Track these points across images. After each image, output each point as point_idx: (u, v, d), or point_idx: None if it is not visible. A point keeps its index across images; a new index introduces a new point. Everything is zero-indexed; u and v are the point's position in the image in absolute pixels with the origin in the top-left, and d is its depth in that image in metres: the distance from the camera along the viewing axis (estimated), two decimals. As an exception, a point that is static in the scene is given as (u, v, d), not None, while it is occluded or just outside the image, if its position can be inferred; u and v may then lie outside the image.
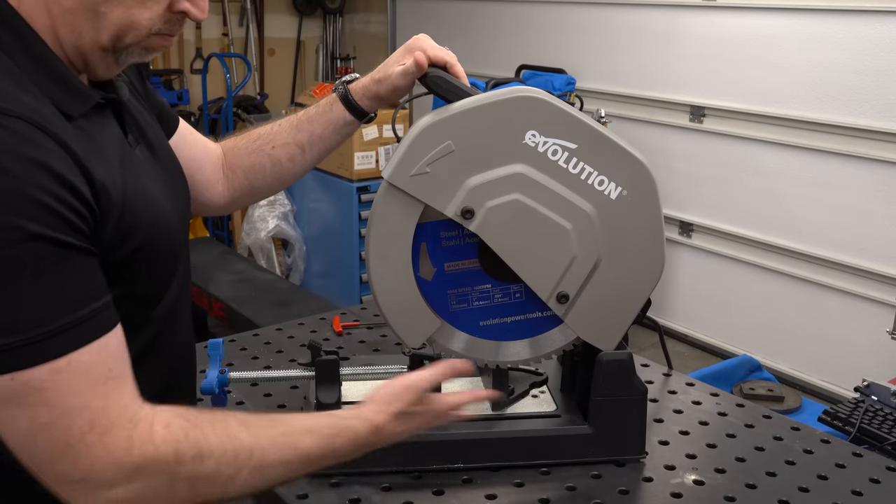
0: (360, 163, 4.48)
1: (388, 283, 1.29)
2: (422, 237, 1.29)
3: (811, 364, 3.82)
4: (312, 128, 1.42)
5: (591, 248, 1.27)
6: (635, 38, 4.36)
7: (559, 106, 1.24)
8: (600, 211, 1.26)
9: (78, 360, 0.91)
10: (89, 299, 0.94)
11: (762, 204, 3.93)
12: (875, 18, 3.41)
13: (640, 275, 1.30)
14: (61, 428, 0.91)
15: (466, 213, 1.25)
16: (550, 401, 1.43)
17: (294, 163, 1.44)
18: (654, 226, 1.29)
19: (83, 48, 1.03)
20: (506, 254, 1.26)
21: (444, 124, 1.24)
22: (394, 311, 1.31)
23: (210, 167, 1.45)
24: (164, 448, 0.95)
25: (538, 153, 1.24)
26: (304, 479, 1.29)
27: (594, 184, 1.25)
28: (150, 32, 1.04)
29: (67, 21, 1.01)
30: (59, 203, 0.90)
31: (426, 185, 1.24)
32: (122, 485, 0.94)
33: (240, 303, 3.91)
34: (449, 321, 1.32)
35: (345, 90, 1.41)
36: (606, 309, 1.31)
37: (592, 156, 1.25)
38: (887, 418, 2.11)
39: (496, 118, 1.24)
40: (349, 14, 6.98)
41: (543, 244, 1.26)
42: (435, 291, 1.31)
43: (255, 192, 1.49)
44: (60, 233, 0.90)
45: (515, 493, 1.29)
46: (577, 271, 1.27)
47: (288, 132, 1.44)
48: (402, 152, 1.24)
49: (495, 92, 1.25)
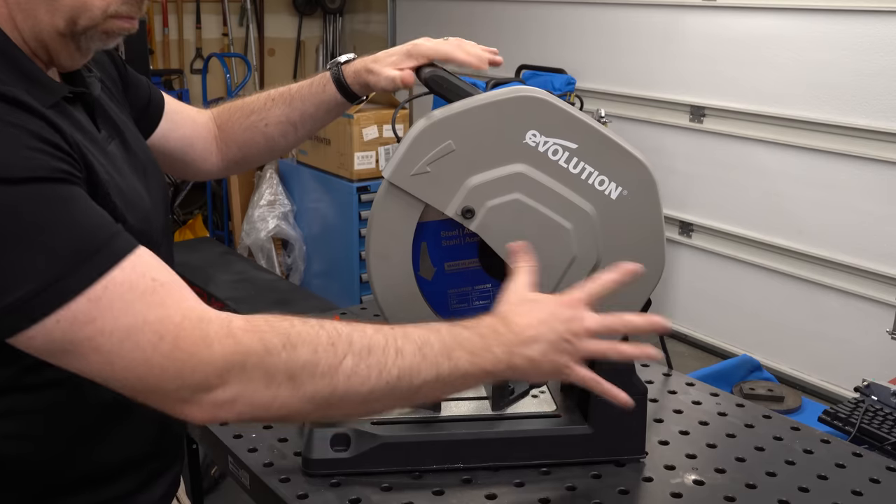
0: (360, 163, 4.48)
1: (389, 283, 1.29)
2: (422, 237, 1.29)
3: (811, 364, 3.82)
4: (305, 107, 1.45)
5: (591, 249, 1.27)
6: (635, 38, 4.36)
7: (560, 106, 1.24)
8: (601, 211, 1.26)
9: (114, 282, 0.89)
10: (102, 226, 0.93)
11: (762, 204, 3.93)
12: (875, 18, 3.41)
13: (640, 275, 1.30)
14: (130, 349, 0.89)
15: (467, 212, 1.25)
16: (550, 401, 1.43)
17: (286, 138, 1.50)
18: (655, 226, 1.29)
19: (41, 35, 1.02)
20: (506, 253, 1.26)
21: (444, 123, 1.24)
22: (394, 311, 1.30)
23: (201, 142, 1.49)
24: (247, 339, 0.92)
25: (539, 153, 1.24)
26: (304, 479, 1.29)
27: (595, 184, 1.25)
28: (107, 15, 1.03)
29: (22, 7, 1.01)
30: (53, 148, 0.91)
31: (427, 184, 1.24)
32: (218, 385, 0.91)
33: (240, 303, 3.91)
34: None
35: (338, 72, 1.42)
36: (607, 309, 1.30)
37: (593, 156, 1.25)
38: (887, 418, 2.11)
39: (497, 118, 1.23)
40: (349, 14, 6.98)
41: (544, 244, 1.25)
42: (435, 291, 1.31)
43: (247, 163, 1.56)
44: (59, 172, 0.90)
45: (515, 493, 1.29)
46: (577, 271, 1.27)
47: (281, 109, 1.47)
48: (402, 152, 1.24)
49: (496, 91, 1.25)
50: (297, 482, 1.29)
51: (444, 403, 1.39)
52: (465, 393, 1.45)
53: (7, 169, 0.87)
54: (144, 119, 1.38)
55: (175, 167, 1.50)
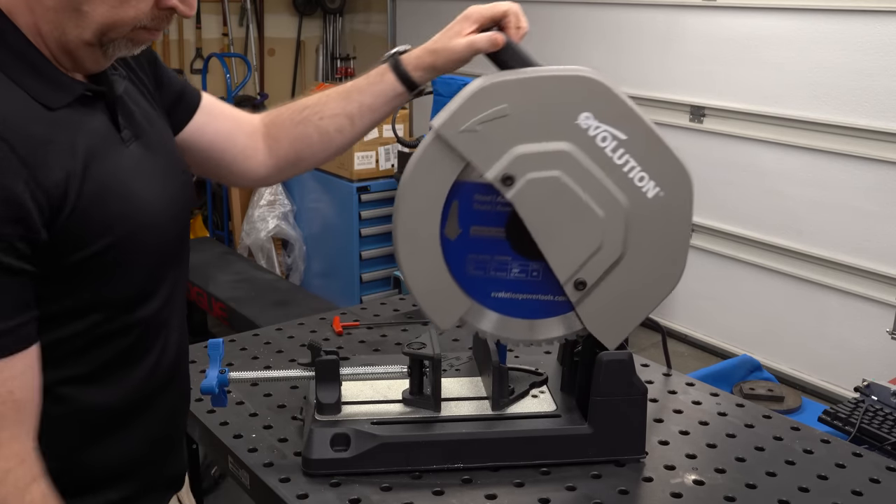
0: (360, 163, 4.47)
1: (412, 234, 1.26)
2: (456, 195, 1.26)
3: (811, 364, 3.82)
4: (362, 98, 1.39)
5: (617, 241, 1.26)
6: (635, 38, 4.36)
7: (619, 94, 1.23)
8: (634, 207, 1.25)
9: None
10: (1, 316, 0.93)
11: (762, 204, 3.93)
12: (875, 18, 3.41)
13: (657, 278, 1.29)
14: None
15: (507, 179, 1.23)
16: (550, 401, 1.43)
17: (343, 133, 1.41)
18: (682, 233, 1.28)
19: (68, 44, 1.02)
20: (535, 228, 1.25)
21: (504, 87, 1.23)
22: (412, 265, 1.28)
23: (244, 138, 1.41)
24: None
25: (588, 136, 1.23)
26: (304, 479, 1.30)
27: (634, 178, 1.25)
28: (136, 27, 1.03)
29: (50, 18, 1.00)
30: (7, 205, 0.90)
31: (473, 143, 1.23)
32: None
33: (240, 303, 3.91)
34: (462, 285, 1.30)
35: (396, 61, 1.37)
36: (618, 306, 1.30)
37: (639, 151, 1.24)
38: (887, 418, 2.11)
39: (556, 92, 1.23)
40: (349, 14, 6.98)
41: (574, 226, 1.25)
42: (455, 252, 1.29)
43: (301, 163, 1.45)
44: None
45: (515, 493, 1.29)
46: (599, 261, 1.27)
47: (337, 102, 1.40)
48: (456, 105, 1.22)
49: (560, 66, 1.25)
50: (297, 482, 1.29)
51: (444, 403, 1.39)
52: (465, 393, 1.45)
53: None
54: (176, 112, 1.34)
55: (219, 168, 1.42)
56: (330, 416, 1.34)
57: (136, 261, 1.08)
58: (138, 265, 1.09)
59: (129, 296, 1.09)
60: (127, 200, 1.06)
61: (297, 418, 1.48)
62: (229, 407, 1.48)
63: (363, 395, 1.42)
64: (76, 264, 1.00)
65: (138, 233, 1.07)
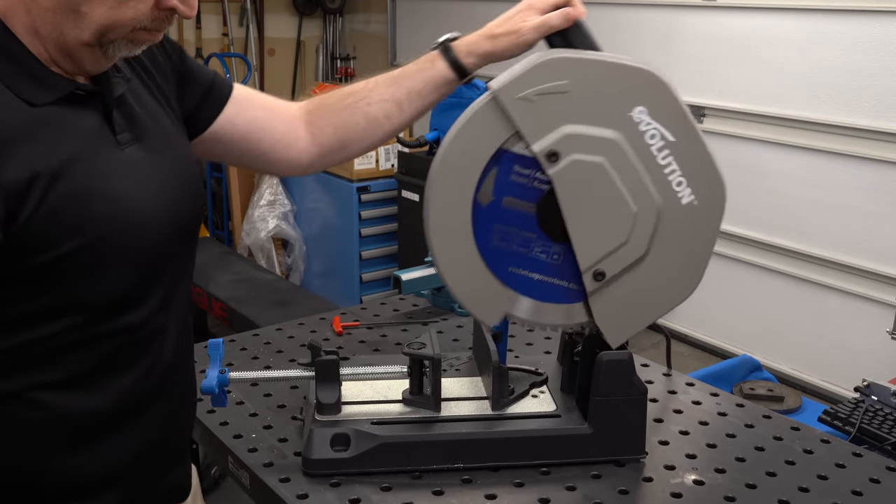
0: (360, 163, 4.48)
1: (446, 190, 1.25)
2: (496, 162, 1.26)
3: (811, 364, 3.82)
4: (411, 84, 1.37)
5: (643, 240, 1.27)
6: (636, 38, 4.36)
7: (676, 96, 1.25)
8: (667, 209, 1.26)
9: None
10: None
11: (762, 204, 3.93)
12: (875, 18, 3.41)
13: (674, 285, 1.29)
14: None
15: (552, 155, 1.23)
16: (550, 401, 1.43)
17: (391, 119, 1.39)
18: (706, 245, 1.29)
19: (66, 45, 1.02)
20: (568, 210, 1.25)
21: (568, 63, 1.23)
22: (439, 220, 1.26)
23: (282, 126, 1.39)
24: None
25: (638, 130, 1.24)
26: (304, 479, 1.29)
27: (673, 182, 1.25)
28: (136, 28, 1.02)
29: (48, 20, 1.00)
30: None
31: (527, 112, 1.23)
32: None
33: (240, 303, 3.91)
34: (483, 254, 1.29)
35: (447, 47, 1.37)
36: (630, 305, 1.30)
37: (684, 156, 1.25)
38: (887, 418, 2.11)
39: (617, 80, 1.24)
40: (349, 14, 6.98)
41: (605, 216, 1.25)
42: (483, 219, 1.28)
43: (345, 150, 1.43)
44: None
45: (515, 493, 1.29)
46: (622, 255, 1.27)
47: (385, 88, 1.38)
48: (519, 71, 1.23)
49: (627, 56, 1.26)
50: (297, 482, 1.29)
51: (444, 403, 1.39)
52: (465, 393, 1.45)
53: None
54: (206, 104, 1.32)
55: (256, 157, 1.40)
56: (330, 416, 1.34)
57: (114, 263, 1.04)
58: (119, 268, 1.05)
59: (112, 299, 1.06)
60: (109, 202, 1.03)
61: (297, 418, 1.48)
62: (229, 407, 1.48)
63: (363, 395, 1.42)
64: (47, 264, 0.98)
65: (116, 235, 1.03)
